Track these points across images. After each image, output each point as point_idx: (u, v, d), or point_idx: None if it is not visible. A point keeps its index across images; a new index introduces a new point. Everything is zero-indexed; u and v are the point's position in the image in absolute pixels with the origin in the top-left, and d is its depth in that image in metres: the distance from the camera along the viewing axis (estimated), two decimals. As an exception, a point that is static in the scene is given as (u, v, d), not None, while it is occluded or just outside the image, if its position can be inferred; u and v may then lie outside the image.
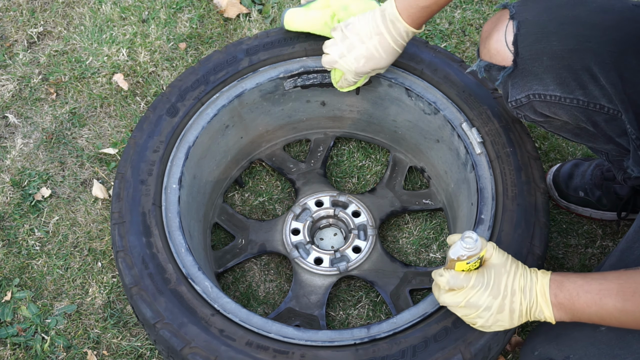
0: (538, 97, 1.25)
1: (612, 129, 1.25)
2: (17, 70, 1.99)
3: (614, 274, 1.02)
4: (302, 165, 1.76)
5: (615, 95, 1.18)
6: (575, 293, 1.03)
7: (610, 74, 1.16)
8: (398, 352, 1.19)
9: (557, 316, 1.06)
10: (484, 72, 1.31)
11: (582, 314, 1.03)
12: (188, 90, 1.52)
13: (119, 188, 1.39)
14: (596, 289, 1.00)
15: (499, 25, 1.26)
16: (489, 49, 1.27)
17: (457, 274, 1.10)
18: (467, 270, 1.10)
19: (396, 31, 1.31)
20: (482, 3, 2.12)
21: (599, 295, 1.00)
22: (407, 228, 1.71)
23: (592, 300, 1.01)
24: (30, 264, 1.67)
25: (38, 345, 1.55)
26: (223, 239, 1.70)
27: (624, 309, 0.98)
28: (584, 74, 1.19)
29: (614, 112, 1.21)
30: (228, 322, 1.23)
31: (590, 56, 1.17)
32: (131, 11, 2.09)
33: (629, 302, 0.97)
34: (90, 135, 1.88)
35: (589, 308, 1.01)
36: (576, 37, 1.18)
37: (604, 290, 1.00)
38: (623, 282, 0.98)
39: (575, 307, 1.03)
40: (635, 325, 0.99)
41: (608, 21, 1.19)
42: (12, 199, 1.76)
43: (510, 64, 1.24)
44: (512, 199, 1.36)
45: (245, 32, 2.05)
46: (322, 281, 1.56)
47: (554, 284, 1.06)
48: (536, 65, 1.22)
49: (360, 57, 1.34)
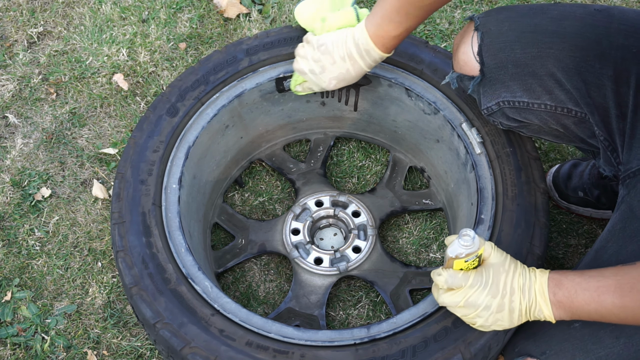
0: (507, 104, 1.29)
1: (582, 130, 1.29)
2: (17, 70, 1.99)
3: (611, 270, 1.02)
4: (302, 165, 1.76)
5: (580, 99, 1.22)
6: (574, 291, 1.03)
7: (574, 78, 1.20)
8: (398, 352, 1.19)
9: (556, 315, 1.06)
10: (457, 82, 1.35)
11: (581, 312, 1.03)
12: (188, 90, 1.52)
13: (119, 188, 1.39)
14: (594, 286, 1.00)
15: (466, 37, 1.30)
16: (458, 61, 1.32)
17: (455, 272, 1.10)
18: (465, 270, 1.10)
19: (370, 58, 1.35)
20: (482, 3, 2.12)
21: (597, 293, 1.00)
22: (407, 228, 1.71)
23: (591, 297, 1.01)
24: (30, 264, 1.67)
25: (38, 345, 1.55)
26: (223, 239, 1.70)
27: (623, 305, 0.98)
28: (549, 79, 1.23)
29: (582, 114, 1.25)
30: (228, 322, 1.23)
31: (553, 62, 1.21)
32: (131, 11, 2.09)
33: (627, 298, 0.97)
34: (90, 135, 1.88)
35: (587, 306, 1.01)
36: (538, 44, 1.22)
37: (602, 287, 0.99)
38: (620, 278, 0.98)
39: (574, 305, 1.03)
40: (634, 321, 0.99)
41: (569, 27, 1.23)
42: (12, 199, 1.76)
43: (478, 74, 1.28)
44: (512, 199, 1.36)
45: (245, 32, 2.05)
46: (322, 281, 1.56)
47: (552, 282, 1.06)
48: (502, 73, 1.26)
49: (332, 78, 1.39)
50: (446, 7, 2.09)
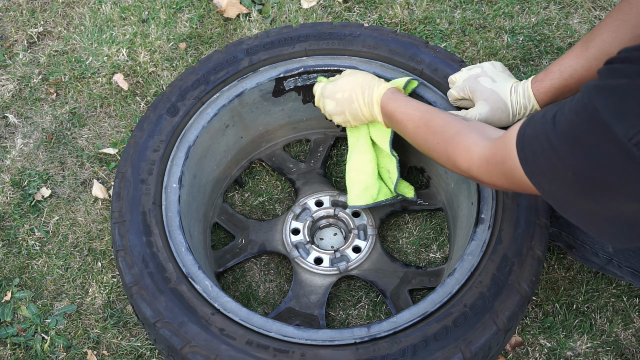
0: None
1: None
2: (17, 70, 1.99)
3: (427, 107, 1.28)
4: (302, 165, 1.76)
5: None
6: (396, 107, 1.33)
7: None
8: (398, 351, 1.19)
9: (383, 121, 1.39)
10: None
11: (395, 125, 1.35)
12: (188, 89, 1.52)
13: (119, 187, 1.39)
14: (407, 112, 1.30)
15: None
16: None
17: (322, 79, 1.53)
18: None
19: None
20: (482, 3, 2.12)
21: (407, 117, 1.30)
22: (407, 228, 1.71)
23: (401, 118, 1.31)
24: (30, 264, 1.67)
25: (38, 345, 1.55)
26: (223, 238, 1.70)
27: (415, 134, 1.27)
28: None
29: None
30: (228, 321, 1.23)
31: None
32: (131, 11, 2.09)
33: (419, 129, 1.26)
34: (90, 135, 1.88)
35: (397, 124, 1.33)
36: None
37: (410, 114, 1.29)
38: (425, 115, 1.26)
39: (392, 118, 1.34)
40: (420, 149, 1.27)
41: None
42: (12, 199, 1.76)
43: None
44: (512, 199, 1.36)
45: (245, 32, 2.05)
46: (322, 281, 1.56)
47: (387, 95, 1.36)
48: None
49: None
50: (446, 7, 2.10)
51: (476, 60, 1.97)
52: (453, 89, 1.44)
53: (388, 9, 2.10)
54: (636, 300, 1.60)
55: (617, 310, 1.58)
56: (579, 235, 1.43)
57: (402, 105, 1.32)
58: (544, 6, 2.10)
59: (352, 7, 2.11)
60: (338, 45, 1.59)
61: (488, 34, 2.04)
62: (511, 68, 1.97)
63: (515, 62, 1.98)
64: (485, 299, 1.23)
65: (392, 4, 2.10)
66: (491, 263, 1.27)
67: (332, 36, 1.60)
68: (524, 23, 2.06)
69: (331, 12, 2.10)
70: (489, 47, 2.01)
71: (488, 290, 1.24)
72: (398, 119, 1.32)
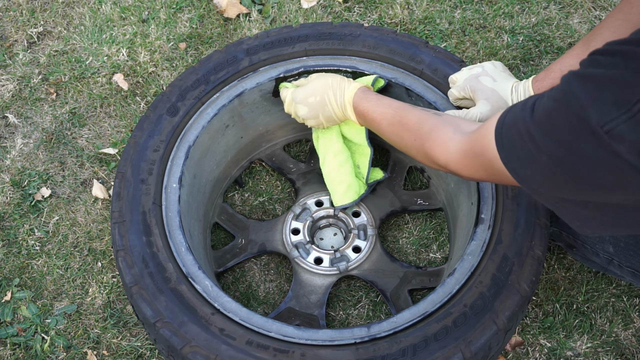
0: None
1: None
2: (17, 70, 1.99)
3: (398, 104, 1.29)
4: (302, 165, 1.76)
5: None
6: (368, 106, 1.34)
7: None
8: (398, 351, 1.19)
9: (357, 121, 1.40)
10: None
11: (370, 124, 1.35)
12: (188, 89, 1.52)
13: (119, 187, 1.39)
14: (380, 110, 1.31)
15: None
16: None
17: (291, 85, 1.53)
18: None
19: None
20: (482, 3, 2.12)
21: (381, 116, 1.31)
22: (407, 228, 1.71)
23: (375, 117, 1.32)
24: (30, 264, 1.67)
25: (38, 345, 1.55)
26: (223, 238, 1.70)
27: (390, 131, 1.28)
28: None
29: None
30: (228, 321, 1.23)
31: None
32: (131, 11, 2.09)
33: (393, 127, 1.27)
34: (90, 135, 1.88)
35: (372, 122, 1.33)
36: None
37: (384, 113, 1.30)
38: (398, 112, 1.27)
39: (366, 117, 1.35)
40: (394, 145, 1.28)
41: None
42: (12, 199, 1.76)
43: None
44: (512, 199, 1.36)
45: (245, 32, 2.05)
46: (322, 281, 1.56)
47: (358, 95, 1.37)
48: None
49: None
50: (446, 7, 2.10)
51: (476, 60, 1.97)
52: (454, 88, 1.44)
53: (388, 9, 2.10)
54: (636, 300, 1.60)
55: (617, 310, 1.58)
56: (580, 235, 1.43)
57: (374, 105, 1.33)
58: (544, 6, 2.10)
59: (352, 7, 2.11)
60: (338, 45, 1.59)
61: (488, 34, 2.04)
62: (511, 68, 1.97)
63: (516, 62, 1.98)
64: (485, 299, 1.23)
65: (392, 4, 2.11)
66: (491, 263, 1.27)
67: (332, 36, 1.60)
68: (524, 23, 2.06)
69: (331, 12, 2.10)
70: (489, 47, 2.01)
71: (488, 290, 1.24)
72: (371, 118, 1.33)
